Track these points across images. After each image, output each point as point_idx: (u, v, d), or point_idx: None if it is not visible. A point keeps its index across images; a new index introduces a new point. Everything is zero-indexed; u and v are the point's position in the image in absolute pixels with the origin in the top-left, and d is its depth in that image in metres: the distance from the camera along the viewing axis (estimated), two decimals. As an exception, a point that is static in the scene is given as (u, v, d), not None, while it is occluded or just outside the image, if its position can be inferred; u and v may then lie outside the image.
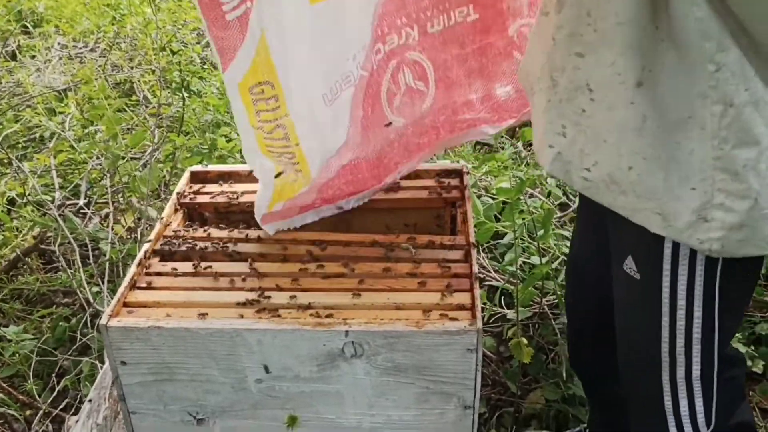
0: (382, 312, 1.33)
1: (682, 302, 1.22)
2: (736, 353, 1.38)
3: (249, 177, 1.75)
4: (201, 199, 1.67)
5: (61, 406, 2.01)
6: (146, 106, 3.60)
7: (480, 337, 1.27)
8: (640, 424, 1.41)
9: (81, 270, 2.35)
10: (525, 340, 1.92)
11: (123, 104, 3.33)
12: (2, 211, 2.76)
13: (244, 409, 1.38)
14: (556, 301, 2.15)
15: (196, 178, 1.76)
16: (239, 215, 1.66)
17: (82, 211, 2.75)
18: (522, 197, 1.99)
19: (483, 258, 2.39)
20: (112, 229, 2.50)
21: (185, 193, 1.69)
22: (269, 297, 1.36)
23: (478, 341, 1.27)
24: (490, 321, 2.21)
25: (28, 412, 2.03)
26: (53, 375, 2.10)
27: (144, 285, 1.42)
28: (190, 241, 1.54)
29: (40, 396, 2.04)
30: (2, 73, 4.10)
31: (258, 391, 1.35)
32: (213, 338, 1.30)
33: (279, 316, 1.32)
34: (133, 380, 1.35)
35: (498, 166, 2.65)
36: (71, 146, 3.07)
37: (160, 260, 1.50)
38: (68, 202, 2.87)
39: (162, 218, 1.60)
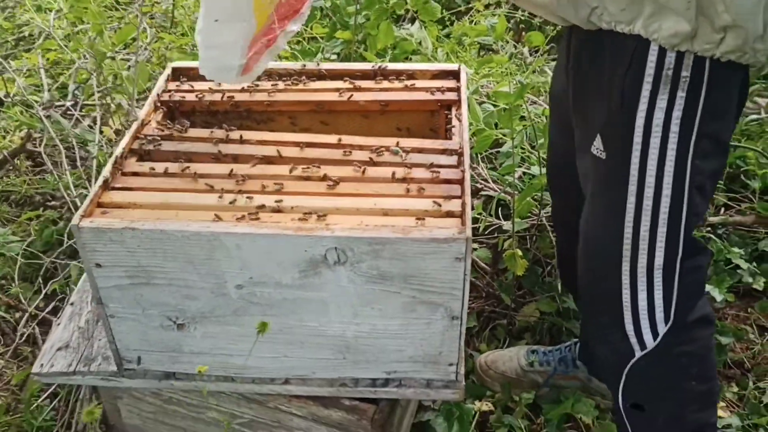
0: (367, 218, 1.26)
1: (650, 179, 1.18)
2: (699, 242, 1.33)
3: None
4: (182, 96, 1.58)
5: (48, 309, 1.99)
6: (138, 5, 3.44)
7: (469, 245, 1.21)
8: (593, 327, 1.39)
9: (68, 173, 2.29)
10: (519, 252, 1.87)
11: (112, 0, 3.17)
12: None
13: (226, 315, 1.34)
14: (554, 213, 2.09)
15: (177, 74, 1.66)
16: (223, 114, 1.58)
17: (69, 112, 2.66)
18: (523, 103, 1.89)
19: (482, 167, 2.31)
20: (101, 131, 2.42)
21: (166, 91, 1.60)
22: (250, 199, 1.30)
23: (466, 250, 1.21)
24: (486, 232, 2.15)
25: (17, 315, 2.02)
26: (40, 278, 2.07)
27: (119, 185, 1.35)
28: (169, 140, 1.46)
29: (27, 299, 2.01)
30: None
31: (239, 297, 1.31)
32: (190, 241, 1.24)
33: (259, 219, 1.26)
34: (109, 283, 1.30)
35: (500, 71, 2.53)
36: (60, 45, 2.95)
37: (137, 160, 1.42)
38: (57, 104, 2.77)
39: (139, 116, 1.52)
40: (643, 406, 1.37)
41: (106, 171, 1.36)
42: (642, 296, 1.26)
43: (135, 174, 1.38)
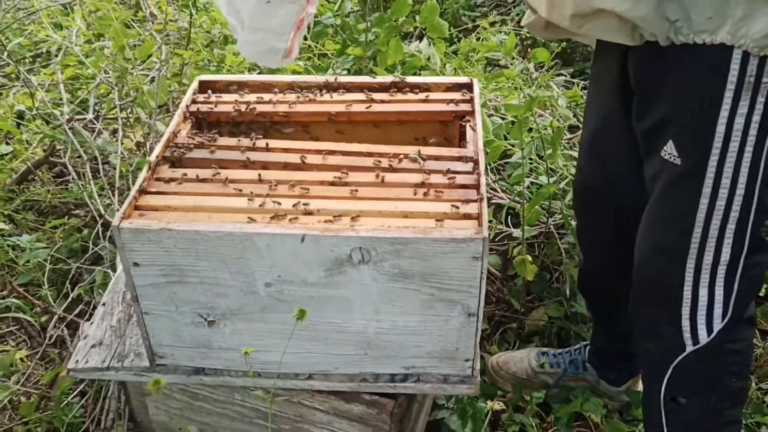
0: (389, 219, 1.34)
1: (726, 181, 1.22)
2: (763, 239, 1.34)
3: (259, 86, 1.74)
4: (209, 108, 1.67)
5: (75, 312, 2.07)
6: (152, 23, 3.54)
7: (486, 245, 1.29)
8: (643, 321, 1.41)
9: (92, 183, 2.37)
10: (529, 258, 1.95)
11: (129, 18, 3.27)
12: (12, 124, 2.76)
13: (254, 312, 1.41)
14: (562, 221, 2.17)
15: (205, 87, 1.75)
16: (249, 124, 1.66)
17: (91, 125, 2.75)
18: (531, 116, 1.98)
19: (491, 178, 2.40)
20: (122, 143, 2.50)
21: (194, 102, 1.69)
22: (279, 203, 1.38)
23: (483, 249, 1.29)
24: (496, 239, 2.23)
25: (43, 318, 2.09)
26: (67, 283, 2.15)
27: (154, 190, 1.43)
28: (200, 148, 1.54)
29: (55, 302, 2.09)
30: (7, -14, 4.02)
31: (267, 294, 1.38)
32: (223, 241, 1.32)
33: (288, 221, 1.34)
34: (146, 281, 1.38)
35: (508, 85, 2.62)
36: (79, 61, 3.04)
37: (170, 167, 1.51)
38: (77, 117, 2.86)
39: (169, 127, 1.60)
40: (679, 400, 1.40)
41: (142, 176, 1.44)
42: (703, 292, 1.30)
43: (169, 180, 1.46)
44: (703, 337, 1.33)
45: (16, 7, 3.83)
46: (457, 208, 1.37)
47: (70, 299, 2.09)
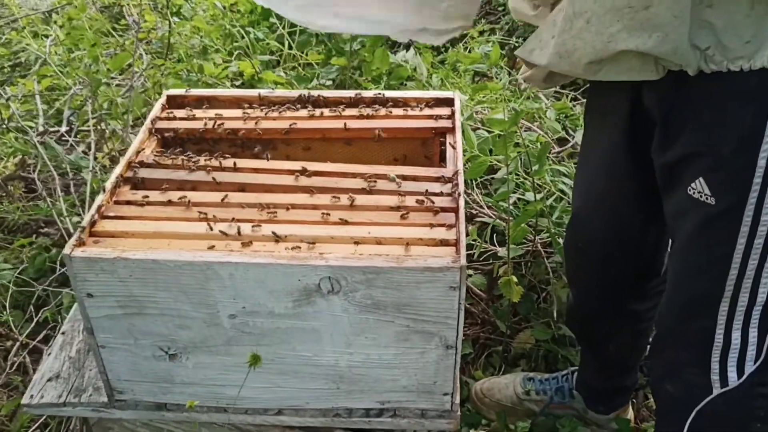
0: (361, 246, 1.26)
1: (766, 218, 1.12)
2: None
3: (230, 101, 1.66)
4: (177, 124, 1.58)
5: (39, 338, 1.97)
6: (135, 31, 3.46)
7: (463, 274, 1.20)
8: (668, 363, 1.31)
9: (62, 199, 2.28)
10: (515, 279, 1.87)
11: (109, 27, 3.19)
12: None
13: (218, 345, 1.32)
14: (549, 239, 2.08)
15: (173, 102, 1.66)
16: (217, 142, 1.57)
17: (64, 138, 2.66)
18: (517, 130, 1.90)
19: (476, 193, 2.31)
20: (95, 158, 2.41)
21: (160, 118, 1.60)
22: (243, 228, 1.29)
23: (461, 279, 1.20)
24: (481, 258, 2.14)
25: (8, 343, 2.00)
26: (31, 306, 2.06)
27: (113, 214, 1.34)
28: (163, 168, 1.45)
29: (18, 327, 2.00)
30: (-15, -5, 3.93)
31: (231, 326, 1.30)
32: (183, 271, 1.23)
33: (253, 249, 1.25)
34: (101, 313, 1.29)
35: (495, 97, 2.54)
36: (55, 71, 2.96)
37: (131, 188, 1.42)
38: (51, 130, 2.77)
39: (133, 144, 1.51)
40: None
41: (99, 199, 1.35)
42: (736, 334, 1.21)
43: (128, 202, 1.37)
44: (733, 380, 1.23)
45: (-6, 15, 3.75)
46: (434, 232, 1.28)
47: (34, 323, 1.99)
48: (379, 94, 1.66)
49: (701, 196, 1.16)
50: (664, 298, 1.31)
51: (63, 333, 1.58)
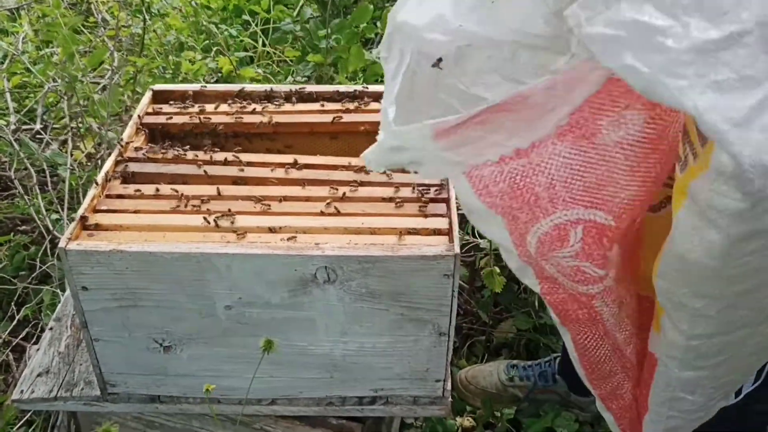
0: (356, 236, 1.28)
1: None
2: None
3: (216, 95, 1.66)
4: (164, 119, 1.58)
5: (21, 336, 1.95)
6: (104, 29, 3.42)
7: (457, 262, 1.23)
8: None
9: (39, 197, 2.26)
10: (497, 269, 1.90)
11: (79, 25, 3.15)
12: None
13: (213, 336, 1.33)
14: (529, 230, 2.13)
15: (159, 97, 1.66)
16: (205, 136, 1.58)
17: (38, 136, 2.62)
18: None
19: (456, 187, 2.35)
20: (71, 155, 2.39)
21: (147, 113, 1.60)
22: (238, 220, 1.30)
23: (455, 266, 1.23)
24: (463, 250, 2.17)
25: (-13, 342, 1.97)
26: (12, 304, 2.03)
27: (105, 208, 1.34)
28: (153, 162, 1.46)
29: (-2, 325, 1.97)
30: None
31: (227, 318, 1.31)
32: (179, 263, 1.24)
33: (249, 240, 1.26)
34: (96, 306, 1.29)
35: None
36: (26, 68, 2.91)
37: (122, 182, 1.42)
38: (24, 127, 2.73)
39: (122, 139, 1.51)
40: None
41: (92, 193, 1.35)
42: None
43: (120, 196, 1.37)
44: (731, 398, 1.21)
45: (-42, 12, 3.67)
46: (427, 222, 1.31)
47: (15, 321, 1.97)
48: (365, 87, 1.68)
49: None
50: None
51: (51, 328, 1.57)
